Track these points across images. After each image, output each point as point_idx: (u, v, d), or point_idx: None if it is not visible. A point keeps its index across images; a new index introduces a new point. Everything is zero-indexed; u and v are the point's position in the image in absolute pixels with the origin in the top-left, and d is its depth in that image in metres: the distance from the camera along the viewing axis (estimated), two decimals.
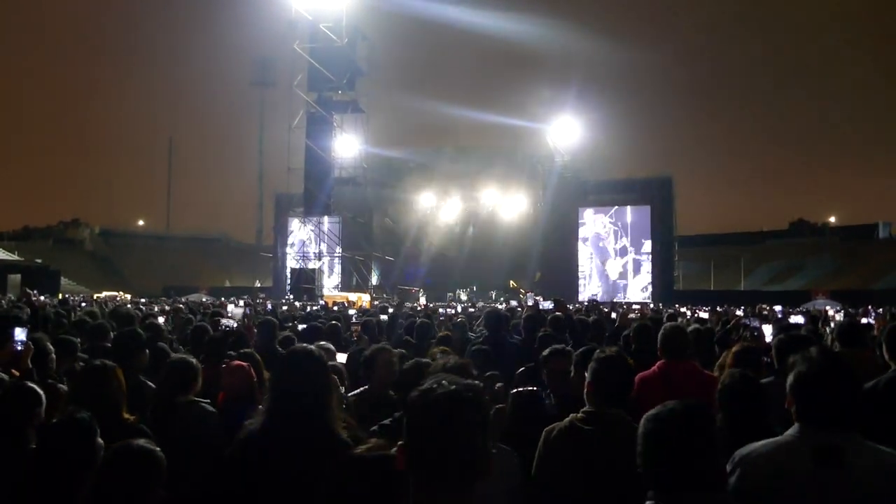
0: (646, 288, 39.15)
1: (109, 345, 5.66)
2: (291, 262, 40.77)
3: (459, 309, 19.75)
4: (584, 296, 38.58)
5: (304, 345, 3.43)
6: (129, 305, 17.58)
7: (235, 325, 8.53)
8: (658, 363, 4.64)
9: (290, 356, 3.23)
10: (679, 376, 4.52)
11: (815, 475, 2.33)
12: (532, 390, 3.95)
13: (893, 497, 2.29)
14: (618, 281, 39.70)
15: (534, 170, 40.89)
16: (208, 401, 4.26)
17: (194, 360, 4.38)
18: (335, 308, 17.64)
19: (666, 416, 2.15)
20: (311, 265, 37.18)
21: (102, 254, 70.12)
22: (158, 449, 2.71)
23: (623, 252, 39.67)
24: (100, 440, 2.99)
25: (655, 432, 2.14)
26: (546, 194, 40.28)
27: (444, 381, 1.71)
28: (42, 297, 21.84)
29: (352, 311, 14.77)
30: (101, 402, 3.53)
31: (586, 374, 3.40)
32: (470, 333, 8.72)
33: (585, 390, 3.35)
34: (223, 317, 10.23)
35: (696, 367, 4.72)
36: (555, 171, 39.74)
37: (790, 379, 2.53)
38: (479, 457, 1.67)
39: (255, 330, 8.23)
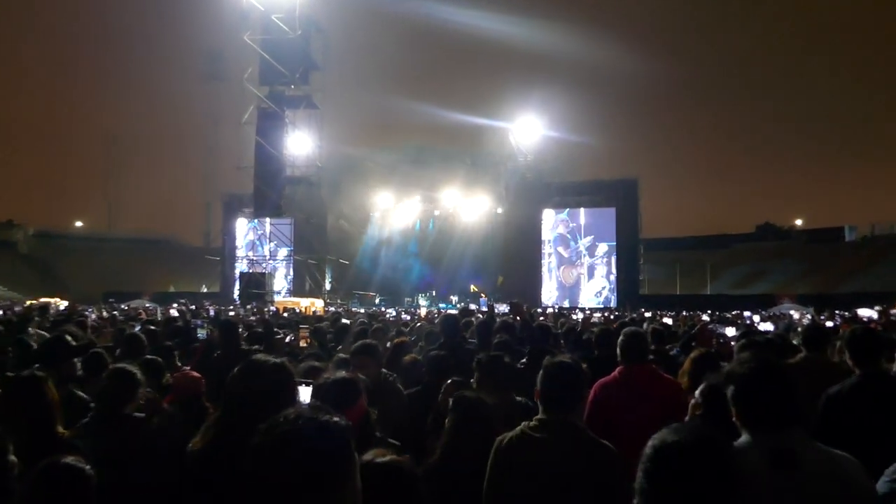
0: (600, 293, 39.61)
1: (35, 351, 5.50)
2: (240, 266, 40.28)
3: (423, 314, 19.73)
4: (547, 300, 38.88)
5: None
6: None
7: (207, 334, 8.52)
8: (618, 368, 4.70)
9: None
10: (639, 381, 4.58)
11: (770, 480, 2.39)
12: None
13: (845, 498, 2.39)
14: (573, 286, 40.07)
15: (496, 170, 41.08)
16: (146, 415, 4.17)
17: (137, 371, 4.28)
18: (286, 315, 17.47)
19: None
20: (260, 269, 36.81)
21: (38, 257, 68.40)
22: (88, 467, 2.63)
23: (579, 255, 40.10)
24: (12, 458, 2.87)
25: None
26: (508, 195, 40.47)
27: (289, 416, 1.56)
28: None
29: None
30: (34, 416, 3.42)
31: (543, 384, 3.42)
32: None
33: (535, 396, 3.40)
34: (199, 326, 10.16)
35: (657, 370, 4.78)
36: (517, 171, 39.98)
37: (730, 389, 2.62)
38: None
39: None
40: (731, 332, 7.70)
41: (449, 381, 4.53)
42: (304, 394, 3.52)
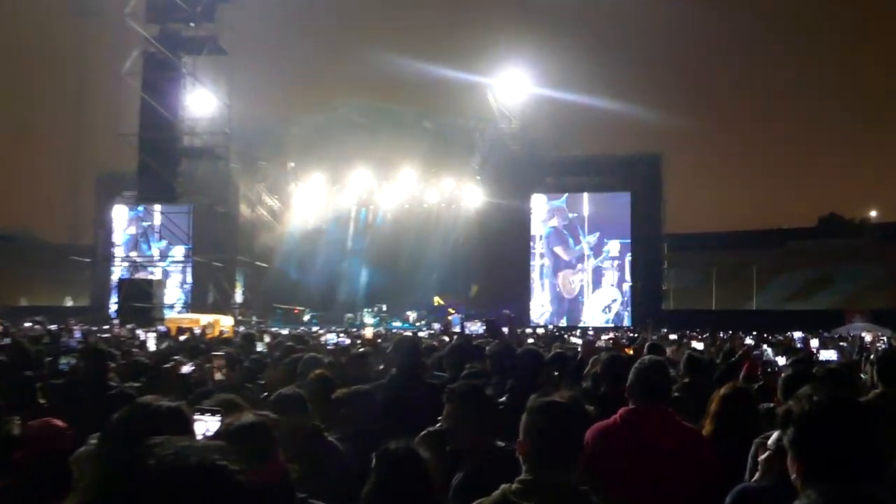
0: (608, 307, 39.84)
1: None
2: (119, 270, 39.85)
3: (369, 335, 19.65)
4: (538, 317, 39.04)
5: None
6: None
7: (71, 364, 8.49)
8: (622, 409, 4.70)
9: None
10: (648, 428, 4.57)
11: None
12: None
13: None
14: (574, 298, 40.24)
15: (469, 140, 41.06)
16: None
17: None
18: (182, 337, 17.31)
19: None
20: (147, 274, 36.43)
21: None
22: None
23: (581, 257, 40.25)
24: None
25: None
26: (486, 174, 40.48)
27: (167, 450, 1.68)
28: None
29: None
30: None
31: (525, 427, 3.42)
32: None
33: (518, 451, 3.39)
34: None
35: (672, 415, 4.79)
36: (498, 142, 39.98)
37: (790, 429, 2.65)
38: None
39: None
40: (782, 361, 7.79)
41: (424, 433, 4.53)
42: (212, 426, 3.51)
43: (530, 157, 40.06)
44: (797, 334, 20.09)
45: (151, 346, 13.79)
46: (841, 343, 20.43)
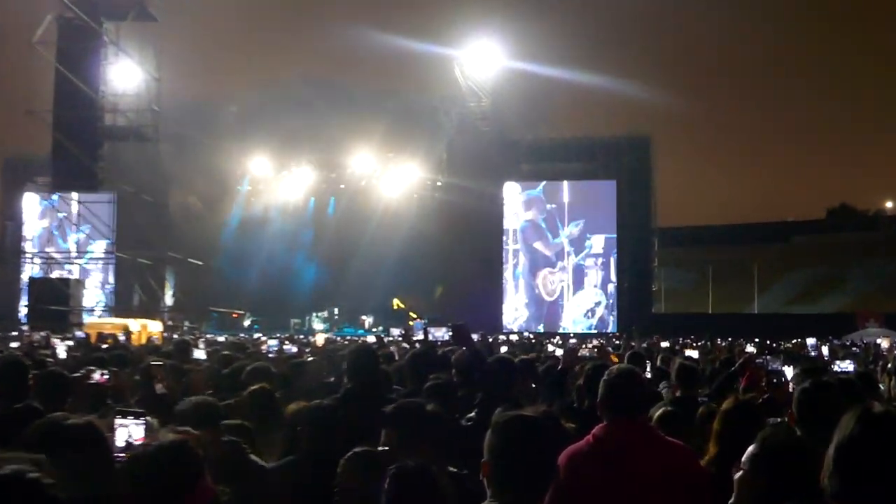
0: (592, 311, 39.92)
1: None
2: (30, 268, 39.52)
3: (320, 343, 19.59)
4: (511, 322, 39.09)
5: None
6: None
7: None
8: (596, 428, 4.65)
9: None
10: (626, 445, 4.51)
11: None
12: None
13: None
14: (553, 301, 40.30)
15: (433, 121, 41.03)
16: None
17: None
18: (104, 345, 17.16)
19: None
20: (63, 272, 36.14)
21: None
22: None
23: (560, 254, 40.33)
24: None
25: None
26: (452, 160, 40.46)
27: None
28: None
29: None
30: None
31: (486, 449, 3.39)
32: None
33: (482, 473, 3.34)
34: None
35: (654, 430, 4.76)
36: (467, 122, 39.95)
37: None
38: None
39: None
40: (789, 371, 7.80)
41: (351, 454, 4.48)
42: (136, 431, 3.51)
43: (502, 140, 40.05)
44: (810, 341, 20.23)
45: (62, 354, 13.58)
46: (853, 349, 20.59)
